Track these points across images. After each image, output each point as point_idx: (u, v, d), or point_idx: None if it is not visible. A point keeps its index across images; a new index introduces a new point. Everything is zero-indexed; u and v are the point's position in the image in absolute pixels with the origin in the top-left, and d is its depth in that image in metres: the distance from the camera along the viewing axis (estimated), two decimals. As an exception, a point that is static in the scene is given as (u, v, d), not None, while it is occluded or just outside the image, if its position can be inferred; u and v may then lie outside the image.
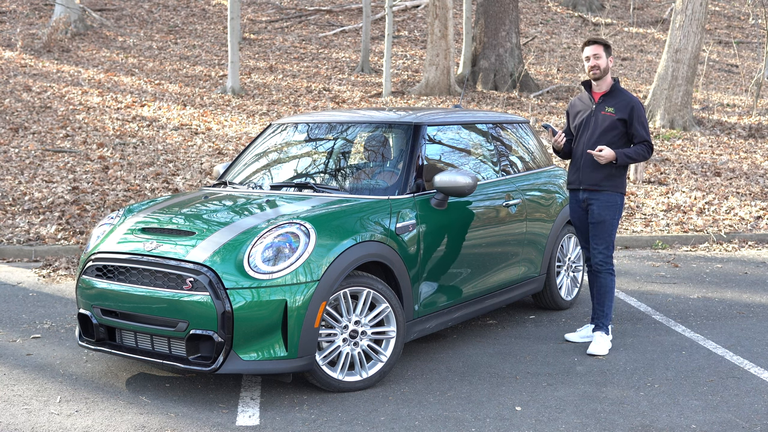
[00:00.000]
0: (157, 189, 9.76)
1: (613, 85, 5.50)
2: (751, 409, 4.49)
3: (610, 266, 5.54)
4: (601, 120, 5.44)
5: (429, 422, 4.28)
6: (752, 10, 22.46)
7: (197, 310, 4.37)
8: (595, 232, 5.52)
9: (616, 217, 5.50)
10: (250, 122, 13.39)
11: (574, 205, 5.66)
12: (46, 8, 20.92)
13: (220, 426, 4.21)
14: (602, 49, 5.42)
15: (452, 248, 5.36)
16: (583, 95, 5.62)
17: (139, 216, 5.09)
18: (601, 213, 5.46)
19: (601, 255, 5.52)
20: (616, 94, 5.47)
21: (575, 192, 5.63)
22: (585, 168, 5.49)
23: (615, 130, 5.41)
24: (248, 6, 22.47)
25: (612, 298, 5.58)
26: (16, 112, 13.24)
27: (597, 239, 5.52)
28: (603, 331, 5.53)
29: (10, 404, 4.49)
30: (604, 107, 5.46)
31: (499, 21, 16.27)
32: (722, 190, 10.83)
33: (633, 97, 5.46)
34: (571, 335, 5.78)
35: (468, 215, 5.54)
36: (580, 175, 5.53)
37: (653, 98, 14.20)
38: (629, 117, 5.39)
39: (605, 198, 5.46)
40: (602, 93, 5.51)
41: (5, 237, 8.38)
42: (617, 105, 5.42)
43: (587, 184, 5.49)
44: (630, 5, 24.09)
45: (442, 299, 5.31)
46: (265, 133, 6.15)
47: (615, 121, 5.40)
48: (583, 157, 5.49)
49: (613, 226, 5.50)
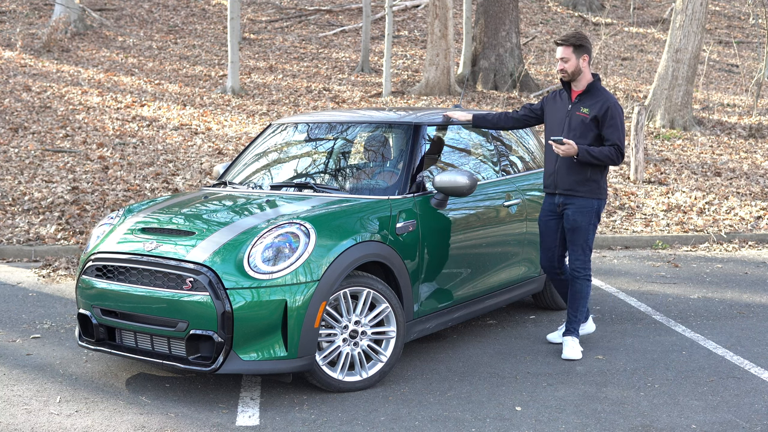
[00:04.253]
0: (157, 189, 9.75)
1: (590, 84, 5.25)
2: (751, 409, 4.49)
3: (588, 272, 5.35)
4: (575, 121, 5.22)
5: (429, 422, 4.28)
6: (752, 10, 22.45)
7: (197, 310, 4.37)
8: (570, 237, 5.32)
9: (592, 222, 5.28)
10: (250, 122, 13.38)
11: (547, 208, 5.45)
12: (46, 8, 20.91)
13: (220, 426, 4.21)
14: (571, 51, 5.18)
15: (452, 248, 5.36)
16: (562, 94, 5.39)
17: (139, 216, 5.09)
18: (576, 218, 5.26)
19: (578, 261, 5.32)
20: (594, 93, 5.22)
21: (551, 196, 5.43)
22: (560, 171, 5.27)
23: (590, 133, 5.17)
24: (248, 6, 22.46)
25: (586, 304, 5.43)
26: (15, 112, 13.24)
27: (573, 245, 5.32)
28: (574, 335, 5.40)
29: (10, 404, 4.49)
30: (579, 107, 5.22)
31: (499, 21, 16.26)
32: (722, 190, 10.83)
33: (611, 97, 5.20)
34: (554, 335, 5.67)
35: (468, 215, 5.54)
36: (555, 178, 5.32)
37: (653, 98, 14.19)
38: (602, 117, 5.13)
39: (581, 203, 5.25)
40: (579, 92, 5.27)
41: (5, 237, 8.38)
42: (593, 105, 5.18)
43: (563, 188, 5.28)
44: (630, 5, 24.09)
45: (442, 299, 5.30)
46: (265, 133, 6.15)
47: (588, 122, 5.16)
48: (558, 161, 5.27)
49: (588, 231, 5.28)
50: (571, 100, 5.30)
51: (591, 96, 5.23)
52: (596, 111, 5.16)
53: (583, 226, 5.27)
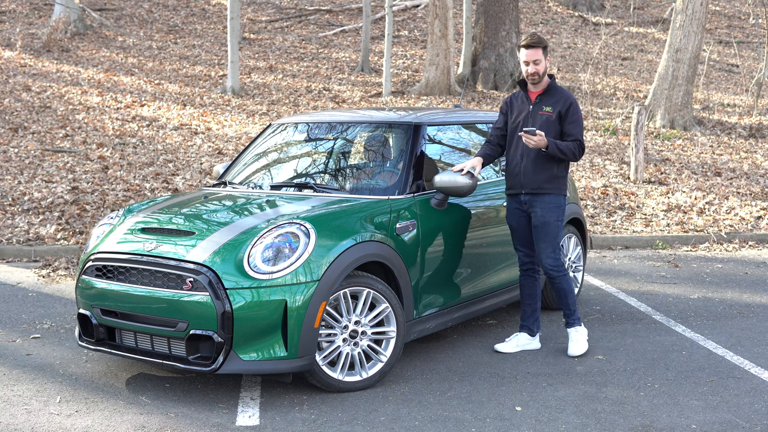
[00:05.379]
0: (156, 189, 9.75)
1: (549, 84, 5.31)
2: (751, 409, 4.49)
3: (563, 268, 5.35)
4: (538, 120, 5.26)
5: (429, 422, 4.28)
6: (752, 9, 22.45)
7: (197, 310, 4.37)
8: (539, 235, 5.30)
9: (560, 218, 5.30)
10: (250, 122, 13.39)
11: (513, 208, 5.42)
12: (46, 8, 20.92)
13: (220, 426, 4.21)
14: (541, 53, 5.22)
15: (452, 248, 5.36)
16: (520, 95, 5.42)
17: (138, 216, 5.08)
18: (545, 215, 5.26)
19: (550, 259, 5.30)
20: (553, 92, 5.29)
21: (515, 197, 5.39)
22: (526, 170, 5.27)
23: (553, 130, 5.22)
24: (248, 6, 22.46)
25: (574, 295, 5.43)
26: (15, 112, 13.24)
27: (543, 243, 5.30)
28: (577, 324, 5.41)
29: (10, 404, 4.49)
30: (541, 107, 5.27)
31: (499, 21, 16.27)
32: (722, 190, 10.83)
33: (569, 95, 5.29)
34: (502, 345, 5.52)
35: (468, 215, 5.54)
36: (521, 178, 5.30)
37: (653, 98, 14.19)
38: (565, 113, 5.22)
39: (548, 200, 5.27)
40: (539, 92, 5.32)
41: (5, 237, 8.37)
42: (555, 104, 5.25)
43: (529, 188, 5.27)
44: (630, 5, 24.09)
45: (442, 299, 5.30)
46: (265, 133, 6.15)
47: (553, 120, 5.23)
48: (524, 160, 5.28)
49: (558, 227, 5.29)
50: (531, 100, 5.35)
51: (551, 95, 5.31)
52: (559, 107, 5.26)
53: (552, 222, 5.29)
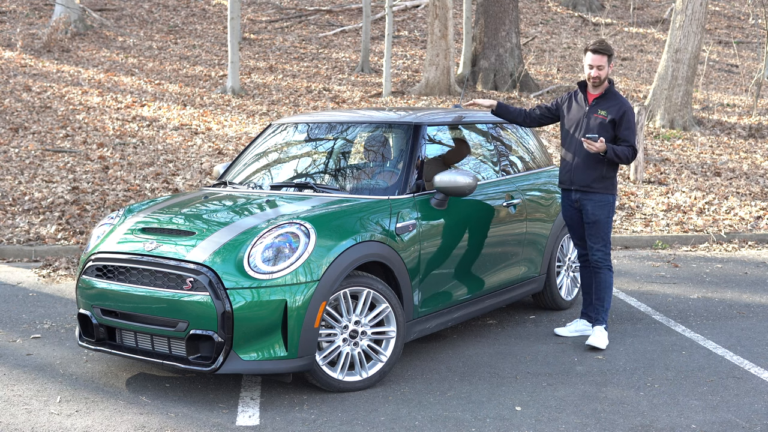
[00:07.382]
0: (157, 189, 9.76)
1: (608, 89, 5.56)
2: (751, 409, 4.49)
3: (609, 263, 5.66)
4: (593, 122, 5.51)
5: (429, 422, 4.28)
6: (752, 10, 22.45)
7: (197, 310, 4.37)
8: (591, 231, 5.63)
9: (610, 215, 5.61)
10: (250, 122, 13.39)
11: (566, 203, 5.76)
12: (46, 8, 20.92)
13: (220, 426, 4.21)
14: (606, 60, 5.47)
15: (452, 248, 5.36)
16: (579, 96, 5.66)
17: (139, 216, 5.09)
18: (595, 212, 5.56)
19: (600, 252, 5.62)
20: (610, 97, 5.54)
21: (567, 192, 5.72)
22: (577, 169, 5.57)
23: (606, 134, 5.46)
24: (248, 6, 22.46)
25: (611, 294, 5.69)
26: (16, 112, 13.24)
27: (594, 238, 5.62)
28: (603, 325, 5.63)
29: (10, 404, 4.49)
30: (597, 110, 5.53)
31: (499, 21, 16.27)
32: (722, 190, 10.83)
33: (626, 102, 5.54)
34: (562, 329, 5.88)
35: (468, 215, 5.54)
36: (572, 175, 5.62)
37: (653, 98, 14.19)
38: (620, 120, 5.46)
39: (598, 198, 5.56)
40: (596, 96, 5.57)
41: (5, 237, 8.38)
42: (610, 108, 5.49)
43: (579, 185, 5.58)
44: (630, 5, 24.09)
45: (442, 299, 5.31)
46: (265, 133, 6.15)
47: (606, 124, 5.47)
48: (575, 158, 5.58)
49: (608, 224, 5.61)
50: (588, 102, 5.58)
51: (608, 100, 5.53)
52: (614, 114, 5.48)
53: (602, 220, 5.58)
